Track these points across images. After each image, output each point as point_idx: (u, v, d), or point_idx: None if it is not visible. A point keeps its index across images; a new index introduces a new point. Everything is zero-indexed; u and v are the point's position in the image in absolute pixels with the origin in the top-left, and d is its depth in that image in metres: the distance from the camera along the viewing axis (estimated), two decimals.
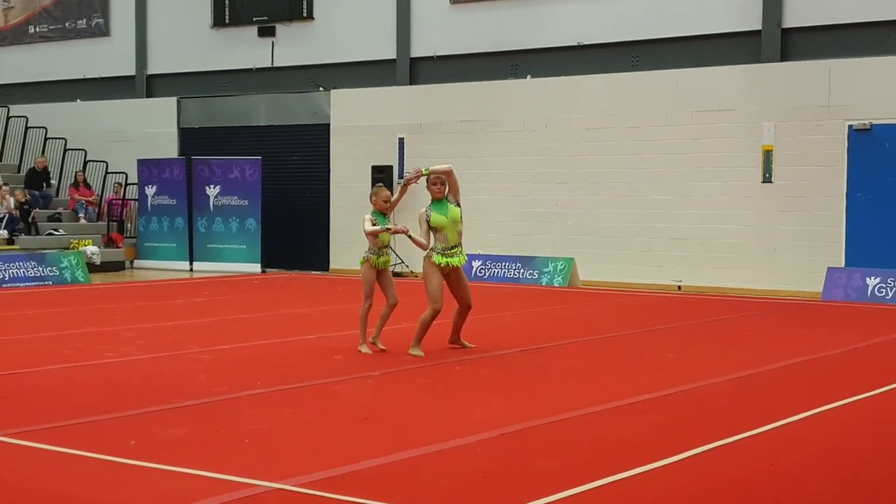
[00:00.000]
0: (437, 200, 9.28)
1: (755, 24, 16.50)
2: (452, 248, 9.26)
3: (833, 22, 16.02)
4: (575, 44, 18.08)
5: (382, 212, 9.63)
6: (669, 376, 8.36)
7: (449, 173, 9.29)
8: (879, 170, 15.41)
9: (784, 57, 16.35)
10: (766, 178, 16.19)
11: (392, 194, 9.81)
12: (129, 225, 22.02)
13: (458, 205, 9.31)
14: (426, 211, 9.30)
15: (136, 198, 21.70)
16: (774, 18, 16.30)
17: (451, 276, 9.30)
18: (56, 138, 22.99)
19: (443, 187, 9.25)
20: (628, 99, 17.34)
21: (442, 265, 9.21)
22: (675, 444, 5.97)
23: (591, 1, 17.90)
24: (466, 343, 9.63)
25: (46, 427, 6.29)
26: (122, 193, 21.85)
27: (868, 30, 15.77)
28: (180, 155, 21.93)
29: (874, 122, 15.43)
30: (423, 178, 9.29)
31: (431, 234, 9.27)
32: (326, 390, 7.73)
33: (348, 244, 20.06)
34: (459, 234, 9.33)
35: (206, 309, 13.47)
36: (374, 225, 9.44)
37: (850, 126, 15.59)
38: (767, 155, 16.20)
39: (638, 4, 17.51)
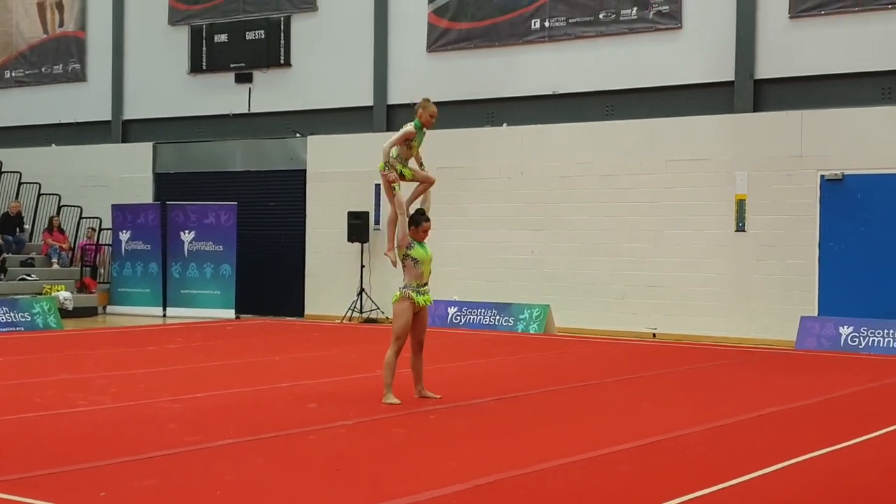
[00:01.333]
0: (420, 242, 9.32)
1: (728, 75, 16.71)
2: (424, 285, 9.30)
3: (805, 73, 16.24)
4: (550, 93, 18.24)
5: (426, 127, 9.29)
6: (645, 426, 8.34)
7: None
8: (852, 220, 15.55)
9: (757, 107, 16.54)
10: (740, 227, 16.31)
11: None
12: (102, 270, 21.88)
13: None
14: (409, 240, 9.21)
15: (110, 243, 21.59)
16: (747, 69, 16.52)
17: (419, 314, 9.31)
18: (30, 183, 22.89)
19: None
20: (603, 147, 17.47)
21: (420, 304, 9.21)
22: (652, 495, 5.94)
23: (567, 51, 18.09)
24: (431, 394, 9.52)
25: (16, 478, 6.20)
26: (95, 239, 21.73)
27: (839, 81, 15.99)
28: (155, 200, 21.87)
29: (846, 172, 15.60)
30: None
31: (406, 269, 9.26)
32: (300, 440, 7.66)
33: (323, 289, 20.05)
34: (430, 272, 9.38)
35: (178, 356, 13.36)
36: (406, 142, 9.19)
37: (822, 176, 15.75)
38: (741, 204, 16.33)
39: (612, 55, 17.70)
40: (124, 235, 21.21)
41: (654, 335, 16.69)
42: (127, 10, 23.02)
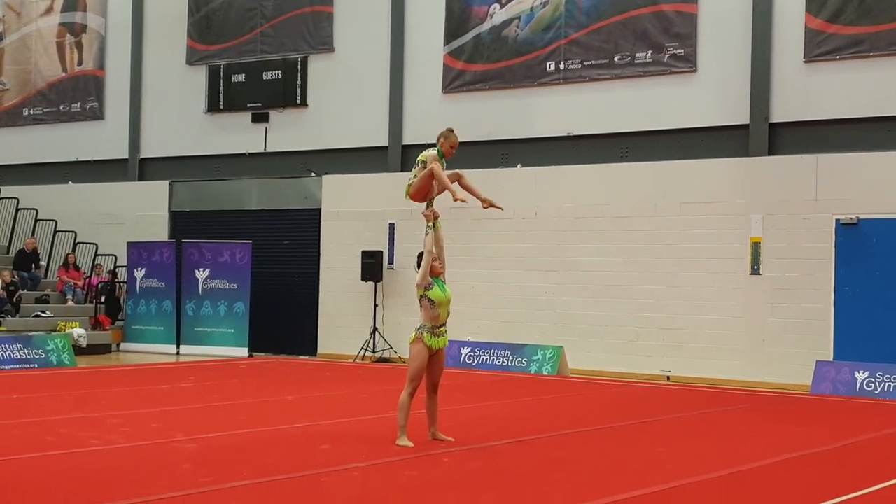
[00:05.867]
0: (436, 277, 9.25)
1: (743, 118, 16.73)
2: (441, 326, 9.24)
3: (820, 117, 16.25)
4: (565, 134, 18.29)
5: (446, 157, 9.51)
6: (661, 471, 8.28)
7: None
8: (867, 264, 15.49)
9: (771, 151, 16.55)
10: (755, 270, 16.26)
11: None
12: (122, 307, 21.88)
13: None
14: (429, 281, 9.19)
15: (125, 280, 21.65)
16: (762, 113, 16.54)
17: (434, 355, 9.27)
18: (46, 220, 23.02)
19: (443, 266, 9.24)
20: (617, 189, 17.49)
21: (434, 347, 9.18)
22: None
23: (581, 93, 18.16)
24: (445, 436, 9.47)
25: None
26: (104, 275, 21.75)
27: (854, 125, 16.00)
28: (170, 238, 21.96)
29: (861, 216, 15.56)
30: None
31: (423, 309, 9.23)
32: (312, 482, 7.63)
33: (337, 328, 20.03)
34: (448, 314, 9.32)
35: (192, 395, 13.35)
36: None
37: (837, 220, 15.71)
38: (755, 247, 16.30)
39: (627, 98, 17.76)
40: (139, 273, 21.27)
41: (667, 378, 16.60)
42: (145, 50, 23.24)
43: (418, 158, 9.68)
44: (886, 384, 14.56)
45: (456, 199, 9.45)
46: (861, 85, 15.93)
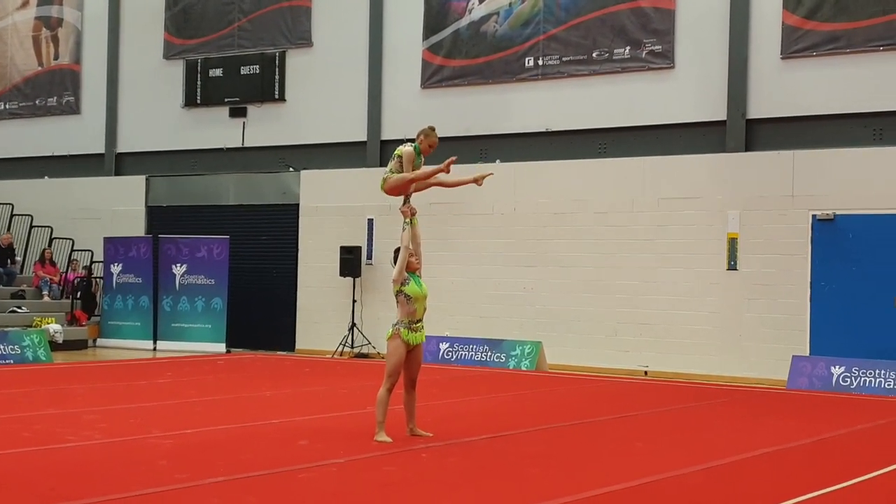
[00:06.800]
0: (413, 272, 9.26)
1: (720, 114, 16.80)
2: (418, 321, 9.24)
3: (797, 114, 16.34)
4: (543, 130, 18.32)
5: (424, 155, 9.54)
6: (639, 466, 8.31)
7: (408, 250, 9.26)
8: (843, 260, 15.59)
9: (748, 147, 16.63)
10: (732, 266, 16.34)
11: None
12: (98, 302, 21.76)
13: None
14: (405, 277, 9.18)
15: (102, 276, 21.53)
16: (739, 109, 16.61)
17: (412, 351, 9.27)
18: (22, 215, 22.86)
19: (419, 262, 9.26)
20: (596, 185, 17.53)
21: (412, 343, 9.18)
22: None
23: (560, 89, 18.18)
24: (423, 432, 9.47)
25: None
26: (80, 270, 21.61)
27: (831, 122, 16.09)
28: (147, 233, 21.85)
29: (837, 212, 15.66)
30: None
31: (400, 305, 9.23)
32: (290, 478, 7.60)
33: (315, 324, 20.00)
34: (425, 309, 9.33)
35: (169, 391, 13.29)
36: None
37: (813, 216, 15.81)
38: (732, 243, 16.37)
39: (605, 94, 17.79)
40: (116, 268, 21.15)
41: (645, 373, 16.67)
42: (122, 44, 23.10)
43: (395, 153, 9.66)
44: (862, 379, 14.67)
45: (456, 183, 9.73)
46: (837, 81, 16.02)
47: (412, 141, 9.76)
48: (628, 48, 17.56)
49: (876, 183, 15.46)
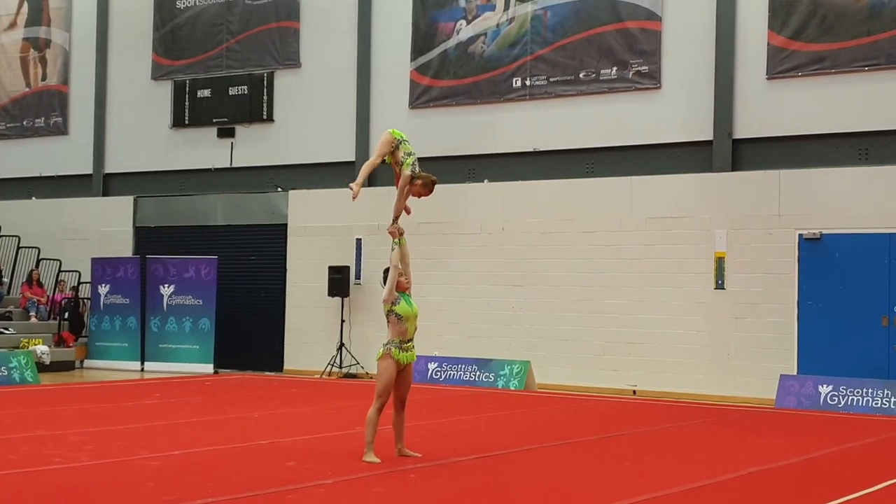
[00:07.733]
0: (403, 292, 9.28)
1: (707, 134, 16.89)
2: (409, 341, 9.26)
3: (783, 133, 16.43)
4: (531, 150, 18.37)
5: (415, 196, 9.75)
6: (628, 486, 8.31)
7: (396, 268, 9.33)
8: (830, 279, 15.65)
9: (735, 167, 16.70)
10: (719, 285, 16.39)
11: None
12: (86, 322, 21.67)
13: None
14: (396, 296, 9.23)
15: (89, 296, 21.47)
16: (725, 129, 16.70)
17: (402, 371, 9.27)
18: (10, 236, 22.79)
19: (409, 281, 9.30)
20: (583, 204, 17.58)
21: (403, 362, 9.18)
22: None
23: (548, 109, 18.25)
24: (412, 452, 9.46)
25: None
26: (68, 291, 21.54)
27: (817, 142, 16.18)
28: (135, 254, 21.81)
29: (824, 231, 15.73)
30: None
31: (391, 325, 9.24)
32: (278, 499, 7.58)
33: (304, 344, 19.96)
34: (416, 328, 9.34)
35: (156, 412, 13.24)
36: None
37: (800, 235, 15.87)
38: (720, 262, 16.42)
39: (592, 114, 17.87)
40: (103, 289, 21.09)
41: (634, 392, 16.67)
42: (110, 65, 23.11)
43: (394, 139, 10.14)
44: (850, 398, 14.71)
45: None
46: (823, 101, 16.12)
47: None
48: (615, 69, 17.65)
49: (862, 202, 15.54)
